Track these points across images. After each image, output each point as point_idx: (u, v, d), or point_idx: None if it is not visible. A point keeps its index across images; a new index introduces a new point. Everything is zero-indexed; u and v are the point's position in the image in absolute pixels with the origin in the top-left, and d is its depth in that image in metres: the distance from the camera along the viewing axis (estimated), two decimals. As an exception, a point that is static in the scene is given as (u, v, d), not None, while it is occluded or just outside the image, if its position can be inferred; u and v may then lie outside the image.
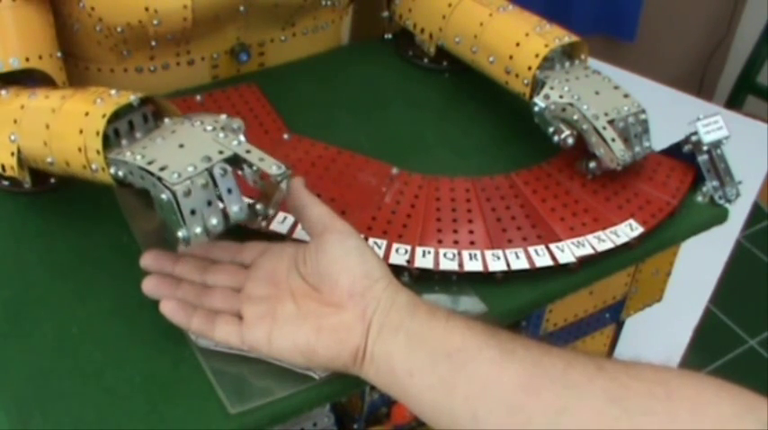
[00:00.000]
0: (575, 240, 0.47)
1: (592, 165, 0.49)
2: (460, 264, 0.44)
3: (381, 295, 0.35)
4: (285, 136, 0.54)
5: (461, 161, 0.52)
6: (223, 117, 0.38)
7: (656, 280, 0.55)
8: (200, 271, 0.38)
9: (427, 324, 0.33)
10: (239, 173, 0.37)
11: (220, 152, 0.36)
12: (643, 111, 0.48)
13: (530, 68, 0.50)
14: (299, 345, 0.34)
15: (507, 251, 0.46)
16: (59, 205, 0.37)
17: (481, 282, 0.45)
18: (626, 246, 0.47)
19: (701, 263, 0.64)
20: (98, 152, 0.36)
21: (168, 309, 0.36)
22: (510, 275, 0.45)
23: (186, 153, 0.36)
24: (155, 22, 0.51)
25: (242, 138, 0.38)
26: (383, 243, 0.45)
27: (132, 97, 0.38)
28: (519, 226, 0.48)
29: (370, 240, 0.45)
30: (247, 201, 0.37)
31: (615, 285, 0.52)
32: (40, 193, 0.43)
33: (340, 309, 0.34)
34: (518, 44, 0.50)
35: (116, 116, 0.37)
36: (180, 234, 0.34)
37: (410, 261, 0.44)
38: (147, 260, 0.37)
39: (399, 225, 0.47)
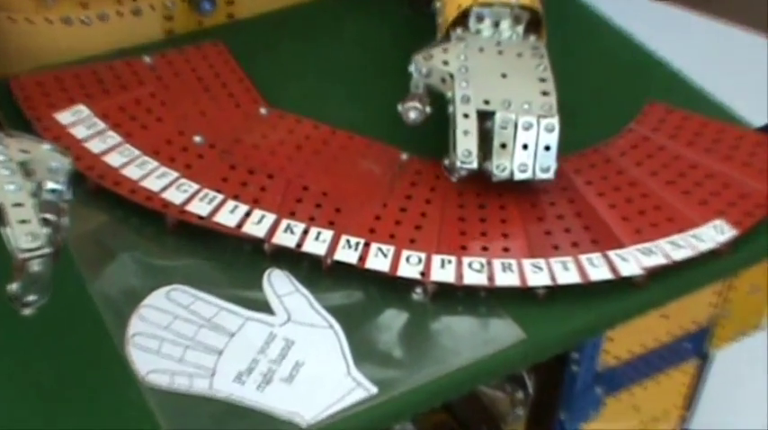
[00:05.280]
0: (642, 246, 0.47)
1: (446, 162, 0.50)
2: (491, 277, 0.46)
3: None
4: (262, 110, 0.55)
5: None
6: (44, 147, 0.39)
7: (755, 300, 0.55)
8: None
9: None
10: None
11: None
12: (552, 119, 0.49)
13: (447, 21, 0.53)
14: None
15: (552, 260, 0.47)
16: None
17: (518, 300, 0.46)
18: (712, 253, 0.47)
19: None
20: None
21: None
22: (556, 292, 0.46)
23: None
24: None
25: (54, 184, 0.37)
26: (390, 249, 0.47)
27: None
28: (567, 227, 0.49)
29: (373, 246, 0.47)
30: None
31: (698, 307, 0.52)
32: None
33: None
34: None
35: None
36: None
37: (425, 273, 0.46)
38: None
39: (411, 226, 0.48)
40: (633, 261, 0.47)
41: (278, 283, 0.46)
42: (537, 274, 0.46)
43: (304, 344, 0.43)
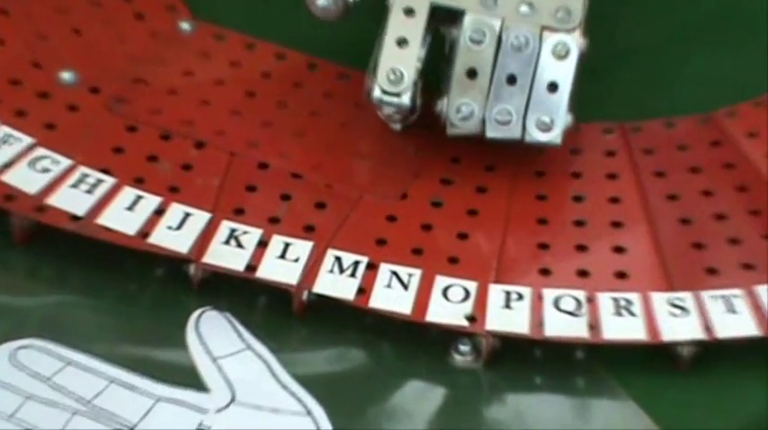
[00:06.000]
0: None
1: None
2: (594, 326, 0.46)
3: None
4: (183, 25, 0.56)
5: (591, 83, 0.53)
6: None
7: None
8: None
9: None
10: None
11: None
12: (568, 35, 0.50)
13: None
14: None
15: (707, 295, 0.47)
16: None
17: (643, 367, 0.46)
18: None
19: None
20: None
21: None
22: (713, 353, 0.45)
23: None
24: None
25: None
26: (414, 275, 0.47)
27: None
28: (735, 236, 0.49)
29: (384, 268, 0.47)
30: None
31: None
32: None
33: None
34: None
35: None
36: None
37: (475, 317, 0.46)
38: None
39: (451, 234, 0.49)
40: None
41: (214, 336, 0.46)
42: (679, 321, 0.45)
43: (260, 444, 0.43)
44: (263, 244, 0.47)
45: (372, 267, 0.46)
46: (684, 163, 0.52)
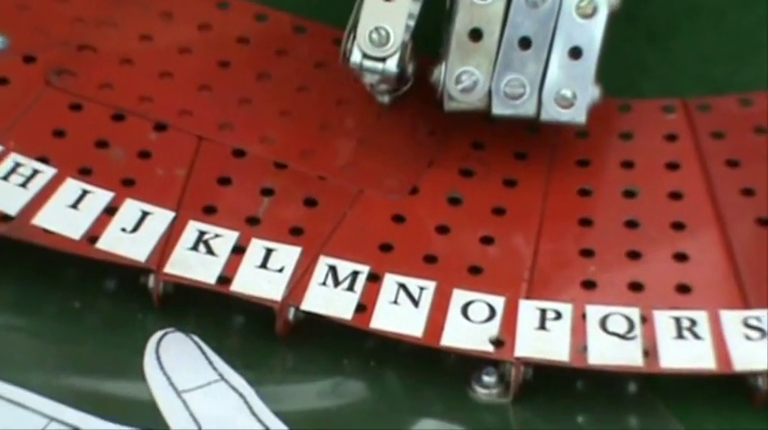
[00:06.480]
0: None
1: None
2: (650, 352, 0.46)
3: None
4: None
5: (647, 49, 0.55)
6: None
7: None
8: None
9: None
10: None
11: None
12: None
13: None
14: None
15: None
16: None
17: (709, 403, 0.46)
18: None
19: None
20: None
21: None
22: None
23: None
24: None
25: None
26: (426, 288, 0.47)
27: None
28: None
29: (389, 280, 0.47)
30: None
31: None
32: None
33: None
34: None
35: None
36: None
37: (501, 341, 0.46)
38: None
39: (472, 237, 0.49)
40: None
41: (178, 364, 0.46)
42: (756, 346, 0.45)
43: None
44: (239, 250, 0.47)
45: (375, 279, 0.47)
46: (763, 149, 0.52)
